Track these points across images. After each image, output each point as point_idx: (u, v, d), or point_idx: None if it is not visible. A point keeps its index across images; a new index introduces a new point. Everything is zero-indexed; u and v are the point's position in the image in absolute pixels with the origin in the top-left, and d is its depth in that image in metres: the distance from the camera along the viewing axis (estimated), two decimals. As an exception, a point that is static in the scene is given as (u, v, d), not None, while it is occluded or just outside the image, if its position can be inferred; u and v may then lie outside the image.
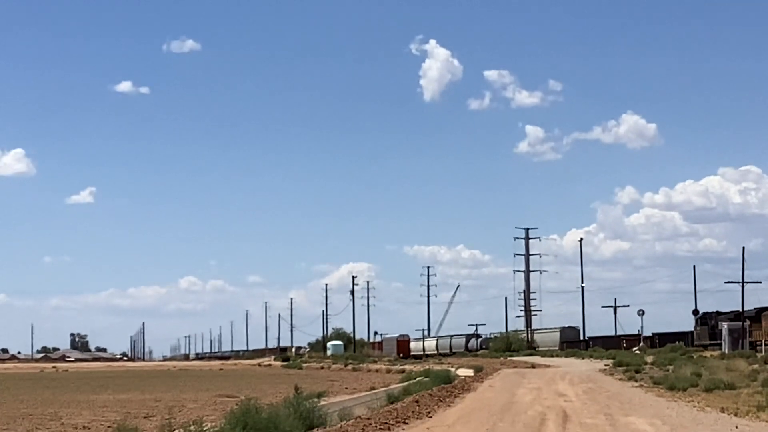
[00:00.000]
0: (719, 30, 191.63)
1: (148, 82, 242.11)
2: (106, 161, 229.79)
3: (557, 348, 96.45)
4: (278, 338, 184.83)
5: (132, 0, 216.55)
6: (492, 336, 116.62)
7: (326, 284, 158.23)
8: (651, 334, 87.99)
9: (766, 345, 63.90)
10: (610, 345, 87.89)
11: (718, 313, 77.58)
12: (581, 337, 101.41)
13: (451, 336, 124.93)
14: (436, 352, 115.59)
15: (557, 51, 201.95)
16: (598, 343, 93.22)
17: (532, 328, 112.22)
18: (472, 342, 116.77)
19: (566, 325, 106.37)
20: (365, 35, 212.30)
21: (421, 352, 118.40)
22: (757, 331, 68.12)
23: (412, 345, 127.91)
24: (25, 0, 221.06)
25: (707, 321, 77.70)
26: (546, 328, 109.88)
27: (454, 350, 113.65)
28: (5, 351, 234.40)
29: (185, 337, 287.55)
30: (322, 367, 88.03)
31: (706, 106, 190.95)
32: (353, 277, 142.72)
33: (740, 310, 74.64)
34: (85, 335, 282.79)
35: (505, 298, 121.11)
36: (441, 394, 30.36)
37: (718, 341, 72.24)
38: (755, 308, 71.87)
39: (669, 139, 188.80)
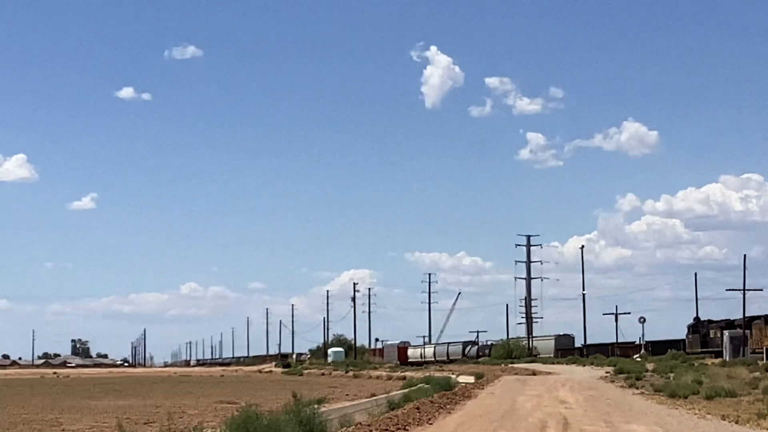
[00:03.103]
0: (720, 37, 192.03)
1: (150, 88, 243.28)
2: (107, 167, 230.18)
3: (552, 355, 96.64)
4: (279, 345, 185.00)
5: (134, 6, 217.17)
6: (489, 343, 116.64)
7: (327, 291, 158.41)
8: (644, 342, 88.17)
9: (766, 352, 63.86)
10: (605, 352, 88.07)
11: (710, 321, 77.93)
12: (575, 345, 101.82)
13: (449, 343, 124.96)
14: (433, 359, 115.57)
15: (558, 58, 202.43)
16: (592, 350, 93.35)
17: (533, 335, 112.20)
18: (470, 349, 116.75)
19: (561, 333, 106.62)
20: (366, 41, 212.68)
21: (420, 359, 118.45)
22: (748, 339, 68.36)
23: (410, 352, 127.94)
24: (26, 5, 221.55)
25: (699, 329, 77.88)
26: (541, 336, 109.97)
27: (451, 357, 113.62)
28: (6, 357, 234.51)
29: (186, 343, 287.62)
30: (323, 374, 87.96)
31: (708, 113, 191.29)
32: (354, 283, 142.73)
33: (731, 318, 74.96)
34: (86, 341, 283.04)
35: (506, 305, 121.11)
36: (442, 400, 30.33)
37: (710, 349, 72.60)
38: (747, 317, 72.06)
39: (670, 147, 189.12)
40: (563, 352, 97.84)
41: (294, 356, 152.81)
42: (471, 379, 47.26)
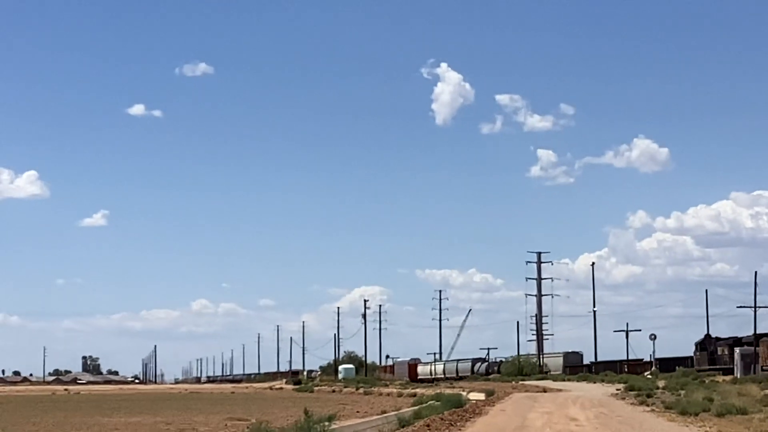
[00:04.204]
0: (731, 54, 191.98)
1: (161, 105, 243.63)
2: (119, 184, 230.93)
3: (560, 372, 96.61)
4: (290, 361, 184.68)
5: (145, 24, 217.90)
6: (498, 360, 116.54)
7: (338, 308, 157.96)
8: (654, 359, 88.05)
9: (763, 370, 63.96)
10: (614, 369, 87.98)
11: (717, 338, 77.87)
12: (584, 362, 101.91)
13: (458, 360, 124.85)
14: (443, 375, 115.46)
15: (569, 75, 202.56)
16: (600, 367, 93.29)
17: (544, 352, 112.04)
18: (479, 366, 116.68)
19: (569, 350, 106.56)
20: (377, 58, 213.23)
21: (429, 376, 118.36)
22: (759, 356, 68.30)
23: (420, 369, 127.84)
24: (38, 23, 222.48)
25: (706, 346, 77.83)
26: (550, 353, 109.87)
27: (460, 374, 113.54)
28: (17, 373, 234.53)
29: (197, 360, 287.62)
30: (334, 391, 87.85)
31: (718, 130, 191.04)
32: (365, 300, 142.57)
33: (738, 335, 74.88)
34: (97, 358, 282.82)
35: (517, 322, 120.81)
36: (452, 418, 30.29)
37: (718, 366, 72.47)
38: (755, 334, 71.98)
39: (681, 164, 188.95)
40: (572, 369, 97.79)
41: (305, 373, 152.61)
42: (481, 396, 47.15)
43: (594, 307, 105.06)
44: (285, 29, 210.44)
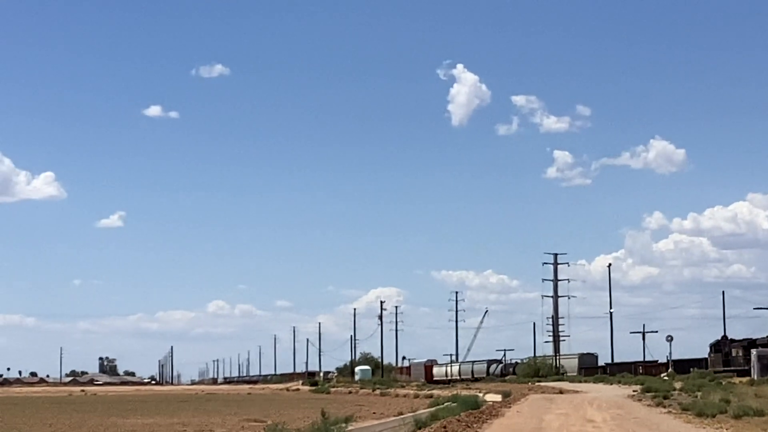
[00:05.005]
0: (748, 55, 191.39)
1: (178, 106, 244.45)
2: (135, 185, 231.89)
3: (575, 374, 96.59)
4: (306, 363, 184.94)
5: (161, 25, 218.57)
6: (514, 362, 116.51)
7: (354, 309, 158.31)
8: (671, 361, 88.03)
9: None
10: (629, 371, 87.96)
11: (732, 340, 77.82)
12: (599, 363, 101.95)
13: (473, 362, 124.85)
14: (459, 377, 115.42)
15: (585, 76, 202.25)
16: (615, 369, 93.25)
17: (560, 353, 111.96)
18: (495, 367, 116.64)
19: (584, 352, 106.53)
20: (393, 60, 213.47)
21: (445, 377, 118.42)
22: None
23: (436, 370, 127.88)
24: (54, 24, 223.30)
25: (721, 348, 77.77)
26: (565, 354, 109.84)
27: (476, 375, 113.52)
28: (34, 374, 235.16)
29: (213, 361, 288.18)
30: (350, 392, 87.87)
31: (735, 131, 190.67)
32: (381, 302, 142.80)
33: (753, 337, 74.83)
34: (114, 359, 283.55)
35: (533, 324, 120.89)
36: (469, 419, 30.26)
37: (732, 368, 72.42)
38: (766, 336, 71.94)
39: (698, 165, 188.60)
40: (587, 370, 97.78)
41: (321, 374, 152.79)
42: (498, 398, 47.07)
43: (610, 308, 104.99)
44: (300, 30, 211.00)
